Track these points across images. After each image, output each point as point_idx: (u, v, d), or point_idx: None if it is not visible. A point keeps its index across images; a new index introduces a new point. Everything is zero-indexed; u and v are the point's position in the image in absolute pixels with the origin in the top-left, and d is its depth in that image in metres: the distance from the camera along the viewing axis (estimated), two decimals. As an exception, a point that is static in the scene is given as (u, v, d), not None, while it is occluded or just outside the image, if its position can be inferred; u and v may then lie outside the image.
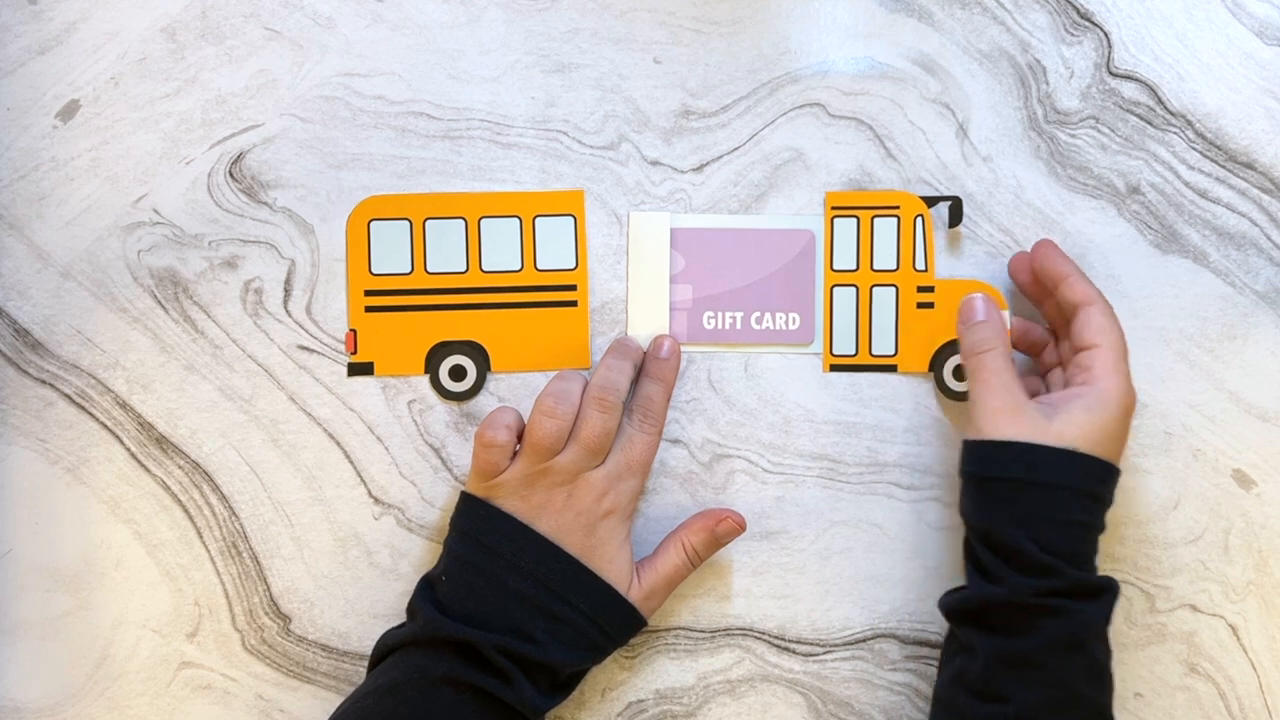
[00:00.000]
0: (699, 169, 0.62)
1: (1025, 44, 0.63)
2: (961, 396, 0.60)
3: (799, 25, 0.63)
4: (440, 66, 0.62)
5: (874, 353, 0.60)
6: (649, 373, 0.59)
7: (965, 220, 0.62)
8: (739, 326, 0.61)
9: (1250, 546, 0.62)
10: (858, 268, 0.60)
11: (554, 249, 0.60)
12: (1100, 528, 0.54)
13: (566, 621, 0.54)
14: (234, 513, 0.61)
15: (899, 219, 0.60)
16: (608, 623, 0.55)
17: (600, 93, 0.62)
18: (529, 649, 0.53)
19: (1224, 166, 0.62)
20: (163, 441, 0.61)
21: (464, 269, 0.60)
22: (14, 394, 0.61)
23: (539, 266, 0.60)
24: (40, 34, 0.62)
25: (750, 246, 0.60)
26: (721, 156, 0.63)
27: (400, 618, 0.61)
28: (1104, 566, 0.61)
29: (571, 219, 0.59)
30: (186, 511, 0.61)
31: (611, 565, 0.56)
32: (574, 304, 0.60)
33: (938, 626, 0.62)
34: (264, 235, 0.62)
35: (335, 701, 0.60)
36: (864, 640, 0.62)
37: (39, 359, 0.61)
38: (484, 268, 0.60)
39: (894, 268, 0.60)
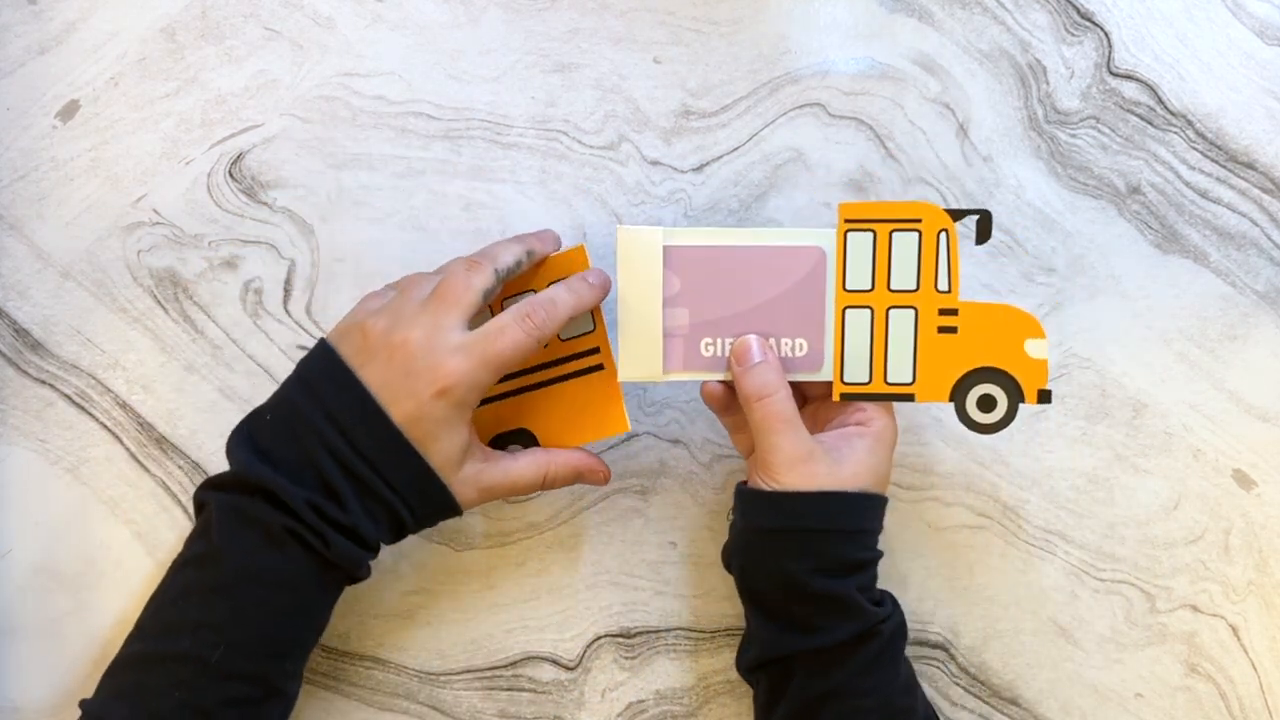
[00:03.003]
0: (699, 169, 0.62)
1: (1025, 44, 0.63)
2: (988, 429, 0.55)
3: (799, 25, 0.63)
4: (440, 66, 0.62)
5: (889, 381, 0.55)
6: (567, 282, 0.55)
7: (966, 221, 0.62)
8: None
9: (1250, 547, 0.62)
10: (873, 288, 0.54)
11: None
12: (881, 555, 0.55)
13: (378, 496, 0.51)
14: (234, 513, 0.61)
15: (920, 234, 0.54)
16: (419, 504, 0.52)
17: (600, 93, 0.62)
18: (335, 511, 0.50)
19: (1224, 166, 0.62)
20: (163, 442, 0.61)
21: None
22: (14, 394, 0.61)
23: (561, 337, 0.57)
24: (40, 34, 0.62)
25: (753, 266, 0.55)
26: (722, 156, 0.63)
27: (401, 618, 0.61)
28: (1104, 566, 0.61)
29: None
30: (186, 512, 0.61)
31: (437, 444, 0.51)
32: (600, 367, 0.57)
33: (938, 626, 0.62)
34: (264, 235, 0.62)
35: (335, 702, 0.60)
36: (864, 640, 0.62)
37: (39, 359, 0.61)
38: None
39: (914, 288, 0.54)
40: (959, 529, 0.62)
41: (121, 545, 0.61)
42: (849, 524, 0.52)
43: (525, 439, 0.58)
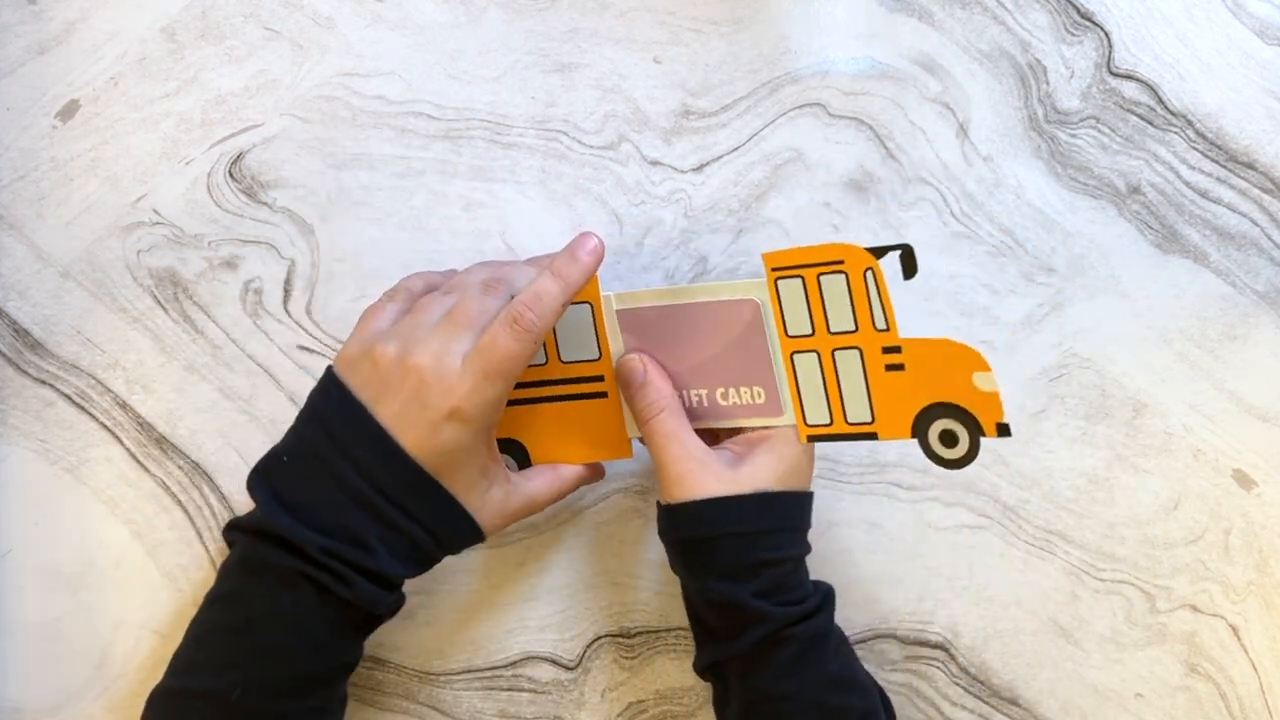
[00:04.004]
0: (699, 169, 0.62)
1: (1026, 44, 0.63)
2: (955, 464, 0.53)
3: (799, 25, 0.63)
4: (440, 66, 0.62)
5: (850, 420, 0.54)
6: (550, 266, 0.52)
7: (966, 221, 0.62)
8: (706, 404, 0.56)
9: (1250, 547, 0.62)
10: (814, 332, 0.54)
11: (575, 339, 0.56)
12: (806, 551, 0.54)
13: (403, 531, 0.50)
14: (234, 513, 0.61)
15: (847, 275, 0.53)
16: (446, 536, 0.52)
17: (600, 93, 0.62)
18: (359, 555, 0.49)
19: (1225, 166, 0.62)
20: (163, 442, 0.61)
21: None
22: (14, 394, 0.61)
23: (563, 359, 0.56)
24: (40, 34, 0.62)
25: (697, 322, 0.55)
26: (721, 156, 0.63)
27: (401, 618, 0.61)
28: (1104, 567, 0.61)
29: (588, 306, 0.55)
30: (186, 512, 0.61)
31: (455, 473, 0.51)
32: (604, 395, 0.56)
33: (938, 626, 0.62)
34: (264, 235, 0.62)
35: (335, 702, 0.60)
36: (864, 640, 0.62)
37: (39, 359, 0.61)
38: None
39: (853, 329, 0.53)
40: (959, 529, 0.62)
41: (121, 545, 0.61)
42: (740, 527, 0.51)
43: (513, 449, 0.57)
